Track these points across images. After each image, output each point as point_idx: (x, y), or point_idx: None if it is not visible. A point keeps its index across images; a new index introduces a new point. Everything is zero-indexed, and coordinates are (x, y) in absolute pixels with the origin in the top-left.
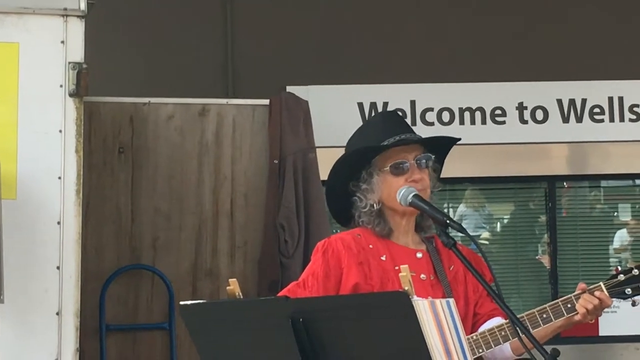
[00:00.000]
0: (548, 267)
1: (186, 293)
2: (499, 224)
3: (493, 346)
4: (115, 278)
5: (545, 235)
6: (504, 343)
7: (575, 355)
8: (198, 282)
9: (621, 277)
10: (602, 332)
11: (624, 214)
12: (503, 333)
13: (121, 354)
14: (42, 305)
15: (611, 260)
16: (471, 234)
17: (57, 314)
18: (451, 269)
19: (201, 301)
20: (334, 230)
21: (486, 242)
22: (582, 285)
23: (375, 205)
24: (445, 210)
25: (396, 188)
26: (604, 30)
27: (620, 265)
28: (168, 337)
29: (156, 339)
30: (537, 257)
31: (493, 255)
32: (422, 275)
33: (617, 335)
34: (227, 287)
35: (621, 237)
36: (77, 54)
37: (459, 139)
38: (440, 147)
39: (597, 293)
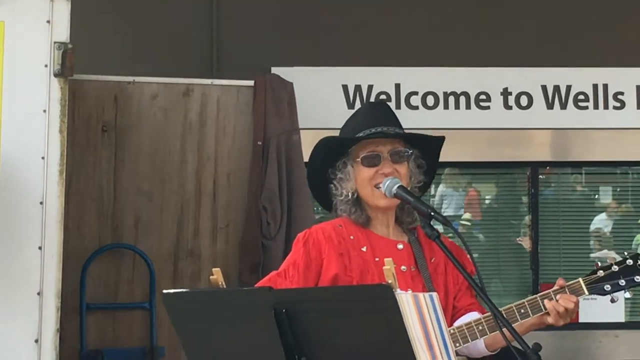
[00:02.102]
0: (529, 252)
1: (167, 273)
2: (482, 209)
3: (470, 340)
4: (96, 257)
5: (528, 221)
6: (481, 338)
7: (555, 342)
8: (179, 262)
9: (601, 273)
10: (582, 319)
11: (605, 201)
12: (480, 327)
13: (101, 333)
14: (23, 285)
15: (591, 247)
16: (454, 218)
17: (38, 294)
18: (432, 260)
19: (184, 290)
20: (316, 209)
21: (469, 225)
22: (560, 282)
23: (350, 194)
24: (429, 194)
25: (366, 179)
26: (589, 16)
27: (600, 260)
28: (148, 317)
29: (136, 318)
30: (518, 240)
31: (476, 241)
32: (403, 267)
33: (596, 322)
34: (211, 277)
35: (602, 224)
36: (63, 33)
37: (442, 139)
38: (428, 143)
39: (563, 296)
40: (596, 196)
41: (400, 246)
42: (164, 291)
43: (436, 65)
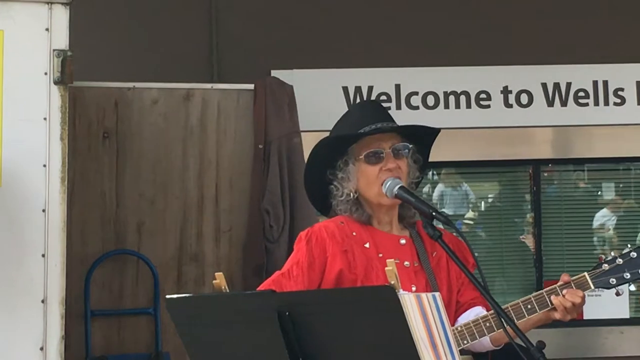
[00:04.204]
0: (533, 251)
1: (171, 278)
2: (484, 208)
3: (478, 338)
4: (100, 263)
5: (531, 219)
6: (488, 334)
7: (561, 339)
8: (183, 267)
9: (605, 266)
10: (587, 315)
11: (608, 197)
12: (488, 324)
13: (106, 339)
14: (27, 293)
15: (595, 244)
16: (457, 218)
17: (43, 302)
18: (434, 255)
19: (187, 295)
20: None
21: (471, 224)
22: (565, 278)
23: (352, 194)
24: (431, 195)
25: (372, 177)
26: (588, 14)
27: (604, 252)
28: (153, 322)
29: (141, 324)
30: (522, 238)
31: (479, 239)
32: (406, 263)
33: (601, 319)
34: (214, 281)
35: (605, 221)
36: (62, 41)
37: (438, 130)
38: (423, 137)
39: (570, 291)
40: (599, 193)
41: (402, 241)
42: (167, 296)
43: (436, 65)
